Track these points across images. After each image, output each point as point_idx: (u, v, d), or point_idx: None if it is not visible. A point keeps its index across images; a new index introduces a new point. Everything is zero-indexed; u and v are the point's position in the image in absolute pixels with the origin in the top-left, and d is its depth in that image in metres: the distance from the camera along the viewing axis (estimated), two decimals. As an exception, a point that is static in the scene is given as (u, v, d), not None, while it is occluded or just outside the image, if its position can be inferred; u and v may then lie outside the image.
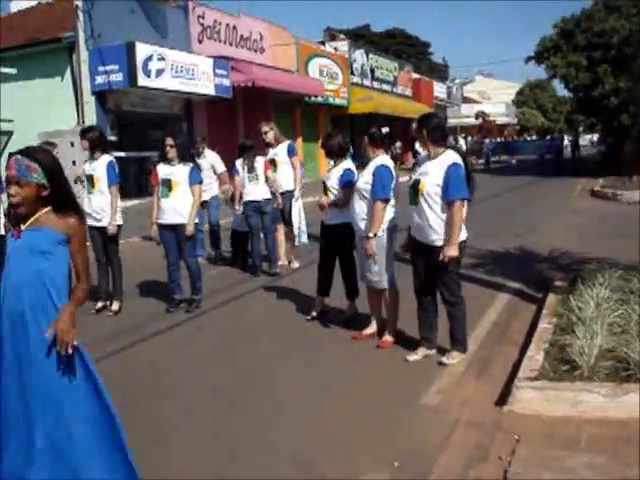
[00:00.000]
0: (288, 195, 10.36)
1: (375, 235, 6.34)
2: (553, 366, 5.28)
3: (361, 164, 7.22)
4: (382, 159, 6.56)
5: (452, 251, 5.76)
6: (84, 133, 8.34)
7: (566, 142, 44.95)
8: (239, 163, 10.33)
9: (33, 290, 3.45)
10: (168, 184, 8.09)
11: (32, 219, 3.50)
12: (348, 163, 7.37)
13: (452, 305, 6.11)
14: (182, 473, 4.31)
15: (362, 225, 6.54)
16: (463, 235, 5.95)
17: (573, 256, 10.38)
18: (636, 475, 3.90)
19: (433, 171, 5.88)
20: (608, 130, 37.54)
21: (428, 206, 5.87)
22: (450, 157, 5.87)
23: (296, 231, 10.20)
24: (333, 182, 7.27)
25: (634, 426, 4.50)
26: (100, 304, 8.42)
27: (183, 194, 8.08)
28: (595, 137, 54.34)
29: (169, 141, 8.09)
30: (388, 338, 6.68)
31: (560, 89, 51.41)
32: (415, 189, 5.97)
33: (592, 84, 30.01)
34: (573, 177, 28.28)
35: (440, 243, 5.86)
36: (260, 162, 10.16)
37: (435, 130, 5.97)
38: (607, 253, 9.42)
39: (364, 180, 6.51)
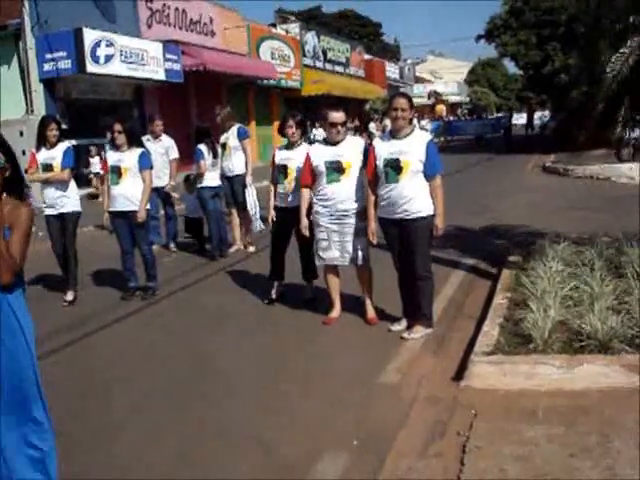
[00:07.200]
0: (238, 179, 10.30)
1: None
2: (508, 340, 5.34)
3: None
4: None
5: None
6: (54, 119, 8.35)
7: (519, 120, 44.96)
8: (205, 148, 10.18)
9: None
10: (117, 171, 7.96)
11: None
12: (306, 145, 7.36)
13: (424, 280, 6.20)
14: (141, 458, 4.27)
15: (352, 203, 6.48)
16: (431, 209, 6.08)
17: (527, 231, 10.48)
18: (594, 444, 3.96)
19: None
20: (559, 107, 37.95)
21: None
22: None
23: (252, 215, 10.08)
24: (299, 163, 7.13)
25: (589, 396, 4.58)
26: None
27: (133, 180, 7.96)
28: (547, 113, 54.72)
29: (117, 127, 7.96)
30: (370, 315, 6.71)
31: (511, 67, 52.00)
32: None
33: (542, 62, 30.43)
34: (525, 154, 28.54)
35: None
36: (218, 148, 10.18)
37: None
38: (559, 227, 9.54)
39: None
